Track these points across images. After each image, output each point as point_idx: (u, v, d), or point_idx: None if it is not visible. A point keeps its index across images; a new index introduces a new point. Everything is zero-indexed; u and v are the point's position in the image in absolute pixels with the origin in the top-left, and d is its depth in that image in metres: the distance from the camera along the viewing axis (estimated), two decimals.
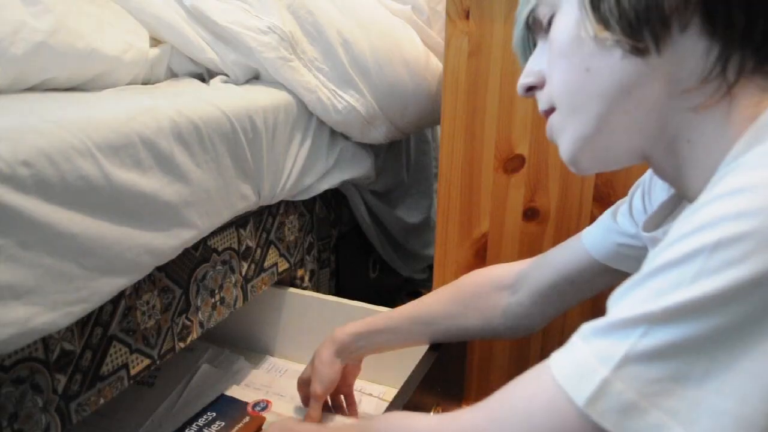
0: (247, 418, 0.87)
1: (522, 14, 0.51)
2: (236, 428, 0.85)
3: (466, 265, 1.03)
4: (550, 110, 0.49)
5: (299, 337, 1.09)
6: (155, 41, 0.97)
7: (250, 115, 0.85)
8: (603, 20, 0.41)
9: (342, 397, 0.91)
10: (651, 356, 0.34)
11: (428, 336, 0.83)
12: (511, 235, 0.99)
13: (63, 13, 0.78)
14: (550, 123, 0.50)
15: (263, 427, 0.86)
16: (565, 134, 0.47)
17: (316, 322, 1.05)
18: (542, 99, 0.50)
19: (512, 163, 0.96)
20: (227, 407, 0.90)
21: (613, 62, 0.42)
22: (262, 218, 0.99)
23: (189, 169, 0.72)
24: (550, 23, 0.47)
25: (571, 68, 0.45)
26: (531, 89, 0.51)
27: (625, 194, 0.69)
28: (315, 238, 1.18)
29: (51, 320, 0.55)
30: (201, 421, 0.86)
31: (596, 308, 0.97)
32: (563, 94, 0.46)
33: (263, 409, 0.91)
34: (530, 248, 0.98)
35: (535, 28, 0.51)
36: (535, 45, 0.52)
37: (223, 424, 0.86)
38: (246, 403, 0.91)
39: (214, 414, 0.88)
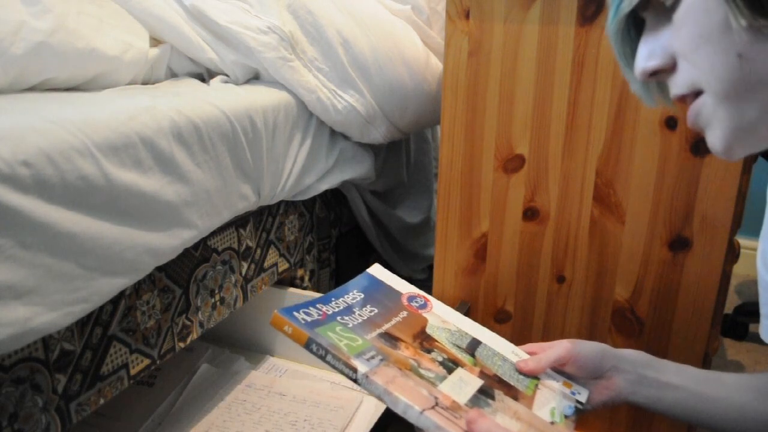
0: (404, 313, 0.68)
1: None
2: (393, 322, 0.66)
3: (466, 265, 1.04)
4: (691, 94, 0.45)
5: None
6: (155, 41, 0.97)
7: (250, 115, 0.85)
8: (758, 7, 0.38)
9: None
10: None
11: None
12: (511, 235, 0.99)
13: (63, 13, 0.78)
14: (696, 109, 0.45)
15: (426, 330, 0.67)
16: (720, 123, 0.44)
17: None
18: (678, 83, 0.45)
19: (512, 163, 0.96)
20: (376, 291, 0.71)
21: None
22: (262, 218, 0.99)
23: (189, 169, 0.73)
24: (674, 3, 0.43)
25: (719, 53, 0.41)
26: (655, 73, 0.46)
27: (625, 194, 0.66)
28: (315, 238, 1.18)
29: (51, 320, 0.55)
30: (348, 298, 0.68)
31: (594, 310, 0.97)
32: (714, 80, 0.42)
33: (422, 306, 0.71)
34: (530, 248, 0.98)
35: (650, 7, 0.46)
36: (637, 27, 0.47)
37: (376, 310, 0.67)
38: (400, 294, 0.72)
39: (363, 295, 0.69)
